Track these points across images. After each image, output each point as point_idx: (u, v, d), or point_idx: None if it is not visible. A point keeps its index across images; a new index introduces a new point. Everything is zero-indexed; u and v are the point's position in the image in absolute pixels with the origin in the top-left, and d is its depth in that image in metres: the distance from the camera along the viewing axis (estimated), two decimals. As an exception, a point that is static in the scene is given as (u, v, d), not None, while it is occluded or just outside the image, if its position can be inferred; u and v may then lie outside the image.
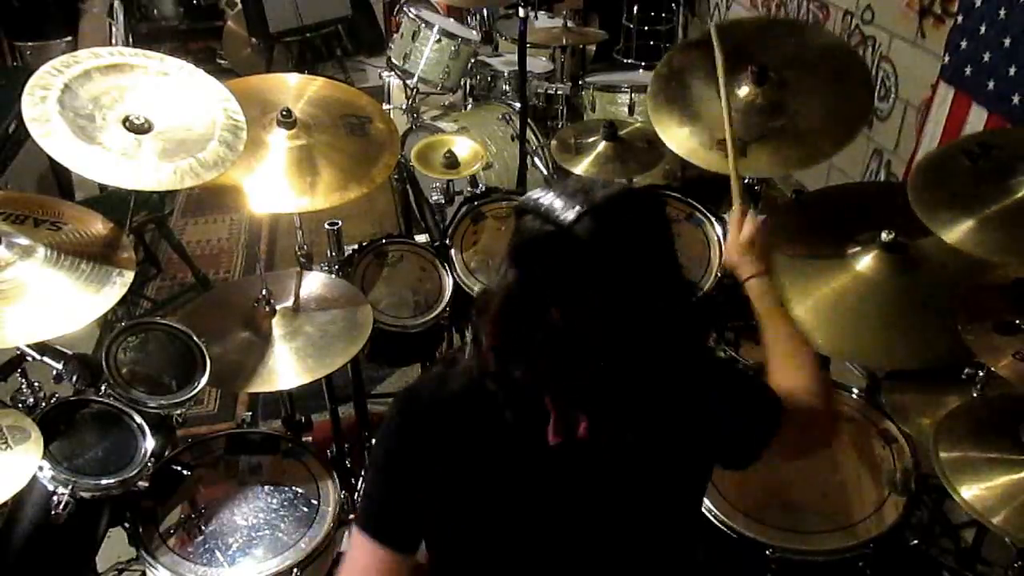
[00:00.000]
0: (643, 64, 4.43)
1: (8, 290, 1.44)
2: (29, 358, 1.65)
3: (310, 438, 2.19)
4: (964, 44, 2.67)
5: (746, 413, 1.16)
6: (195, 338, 1.74)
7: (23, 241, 1.51)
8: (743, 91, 1.94)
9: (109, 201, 3.06)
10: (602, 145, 2.52)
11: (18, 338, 1.45)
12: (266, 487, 1.81)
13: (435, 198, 2.65)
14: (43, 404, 1.61)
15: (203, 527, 1.71)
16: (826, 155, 1.92)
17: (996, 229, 1.41)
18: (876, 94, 3.27)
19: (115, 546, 1.77)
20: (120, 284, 1.53)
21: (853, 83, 1.95)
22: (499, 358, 1.03)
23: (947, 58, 2.77)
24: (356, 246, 2.29)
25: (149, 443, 1.60)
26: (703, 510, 1.67)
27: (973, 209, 1.44)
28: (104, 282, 1.52)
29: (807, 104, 1.91)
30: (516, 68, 3.47)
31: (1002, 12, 2.49)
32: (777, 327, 1.33)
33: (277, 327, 1.90)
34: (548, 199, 0.99)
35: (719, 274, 2.18)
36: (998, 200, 1.44)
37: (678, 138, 1.98)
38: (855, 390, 1.96)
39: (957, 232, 1.43)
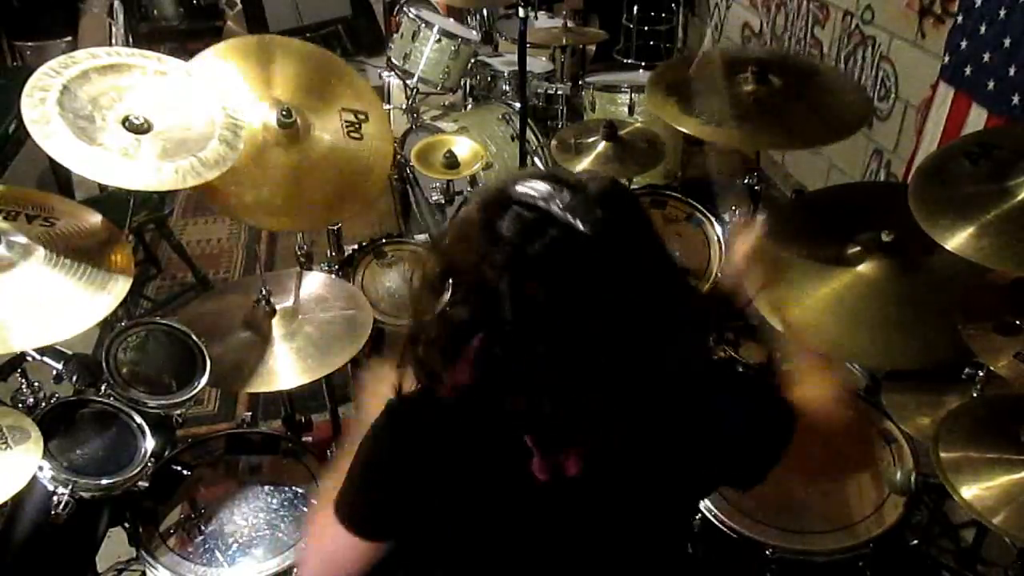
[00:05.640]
0: (643, 64, 4.43)
1: (9, 294, 1.44)
2: (29, 358, 1.65)
3: (310, 438, 2.20)
4: (964, 44, 2.67)
5: (756, 434, 1.08)
6: (195, 338, 1.74)
7: (21, 239, 1.50)
8: (745, 89, 1.96)
9: (109, 201, 3.06)
10: (602, 145, 2.52)
11: (24, 343, 1.45)
12: (266, 487, 1.81)
13: (435, 198, 2.65)
14: (43, 404, 1.61)
15: (203, 527, 1.71)
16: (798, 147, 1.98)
17: (997, 235, 1.41)
18: (876, 94, 3.27)
19: (115, 546, 1.77)
20: (122, 281, 1.53)
21: (849, 101, 1.99)
22: (476, 394, 0.94)
23: (947, 58, 2.77)
24: (356, 246, 2.29)
25: (149, 443, 1.60)
26: (703, 510, 1.67)
27: (973, 214, 1.44)
28: (104, 283, 1.52)
29: (801, 104, 1.94)
30: (516, 68, 3.46)
31: (1002, 12, 2.49)
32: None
33: (277, 327, 1.90)
34: (536, 191, 0.89)
35: (719, 275, 2.18)
36: (998, 204, 1.44)
37: (671, 113, 2.00)
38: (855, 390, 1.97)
39: (957, 239, 1.43)
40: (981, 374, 1.67)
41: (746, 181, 2.36)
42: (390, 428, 1.05)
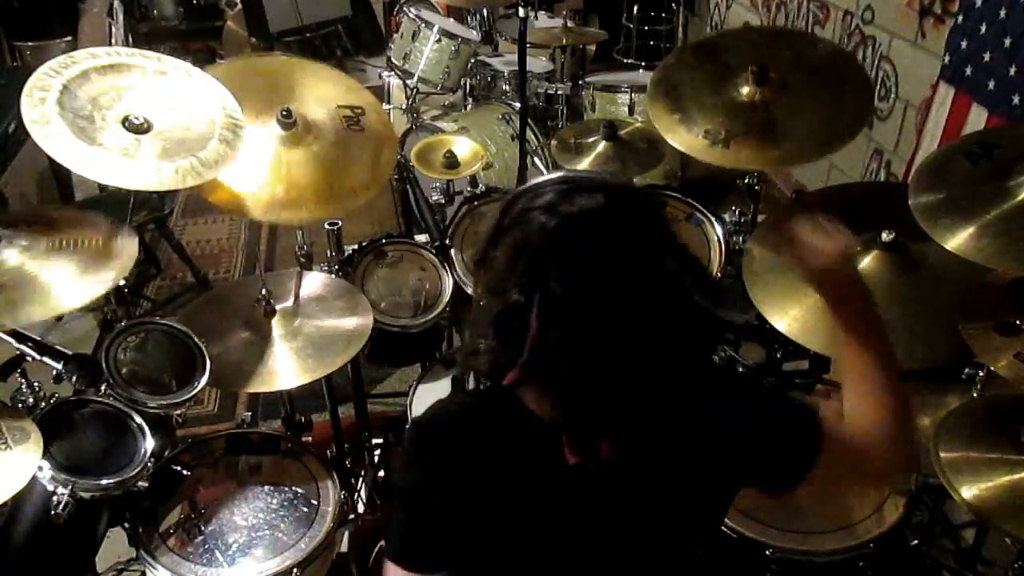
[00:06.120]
0: (643, 64, 4.43)
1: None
2: (29, 358, 1.65)
3: (310, 438, 2.20)
4: (964, 44, 2.67)
5: (777, 439, 1.06)
6: (195, 338, 1.74)
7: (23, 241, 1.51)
8: (743, 91, 1.95)
9: (109, 201, 3.06)
10: (602, 145, 2.52)
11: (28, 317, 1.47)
12: (266, 487, 1.81)
13: (435, 198, 2.65)
14: (43, 404, 1.61)
15: (203, 527, 1.71)
16: (811, 159, 1.95)
17: (996, 235, 1.41)
18: (876, 94, 3.27)
19: (115, 546, 1.77)
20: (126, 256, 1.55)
21: (852, 92, 1.97)
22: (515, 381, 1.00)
23: (947, 58, 2.77)
24: (356, 246, 2.29)
25: (149, 443, 1.60)
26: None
27: (973, 214, 1.44)
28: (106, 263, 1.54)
29: (804, 107, 1.92)
30: (516, 68, 3.47)
31: (1002, 12, 2.49)
32: (848, 359, 1.16)
33: (277, 327, 1.89)
34: (550, 191, 0.95)
35: (719, 275, 2.18)
36: (998, 204, 1.44)
37: (675, 131, 1.99)
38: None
39: (957, 239, 1.43)
40: (981, 374, 1.68)
41: (746, 181, 2.36)
42: (412, 455, 1.08)
